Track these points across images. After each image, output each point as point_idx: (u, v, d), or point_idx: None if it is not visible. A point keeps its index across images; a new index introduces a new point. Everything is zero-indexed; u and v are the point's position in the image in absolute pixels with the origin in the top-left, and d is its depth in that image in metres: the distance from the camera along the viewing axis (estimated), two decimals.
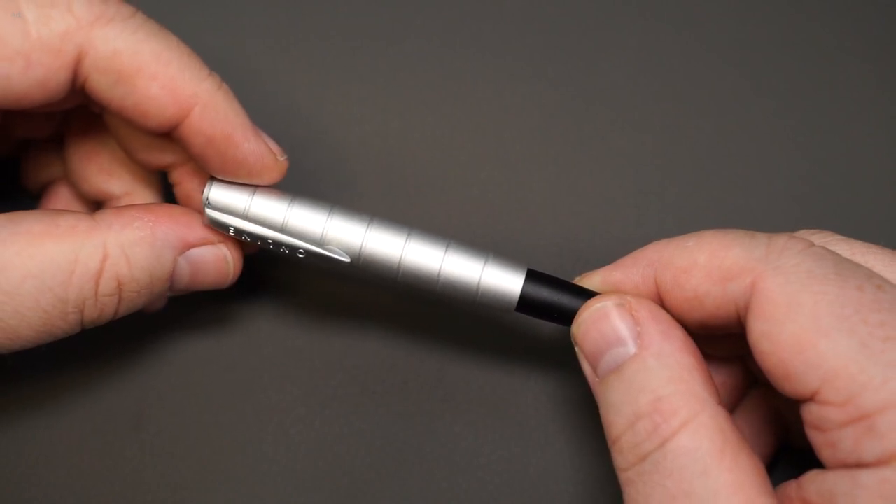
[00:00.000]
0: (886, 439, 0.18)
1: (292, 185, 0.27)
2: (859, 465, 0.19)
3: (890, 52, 0.34)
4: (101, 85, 0.23)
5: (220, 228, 0.25)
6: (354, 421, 0.29)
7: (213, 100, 0.23)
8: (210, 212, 0.25)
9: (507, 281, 0.25)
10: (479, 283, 0.25)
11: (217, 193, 0.25)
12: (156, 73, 0.23)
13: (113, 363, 0.30)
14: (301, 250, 0.25)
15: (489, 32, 0.34)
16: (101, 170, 0.27)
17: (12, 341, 0.23)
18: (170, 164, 0.26)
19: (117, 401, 0.30)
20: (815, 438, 0.20)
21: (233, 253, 0.26)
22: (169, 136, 0.24)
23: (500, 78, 0.33)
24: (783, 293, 0.20)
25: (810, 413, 0.20)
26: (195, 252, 0.25)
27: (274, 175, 0.25)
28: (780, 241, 0.22)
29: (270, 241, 0.25)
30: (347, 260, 0.25)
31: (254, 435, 0.29)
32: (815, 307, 0.20)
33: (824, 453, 0.20)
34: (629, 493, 0.22)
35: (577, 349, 0.24)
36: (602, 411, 0.23)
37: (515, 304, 0.25)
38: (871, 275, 0.20)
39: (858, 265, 0.21)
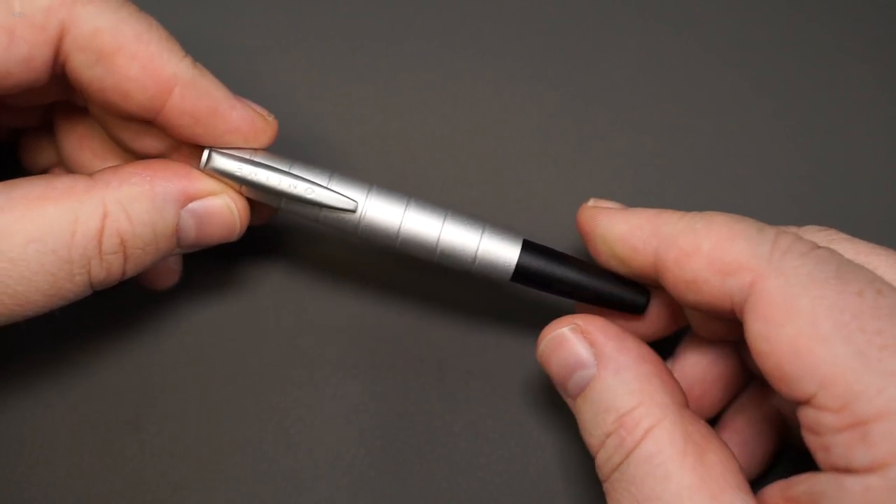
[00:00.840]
0: (877, 448, 0.19)
1: None
2: (849, 471, 0.19)
3: (889, 52, 0.34)
4: (81, 64, 0.23)
5: (224, 176, 0.25)
6: (354, 421, 0.29)
7: (192, 77, 0.23)
8: (216, 157, 0.25)
9: (504, 249, 0.25)
10: (476, 249, 0.25)
11: (217, 152, 0.25)
12: (136, 53, 0.23)
13: (113, 364, 0.30)
14: (309, 191, 0.25)
15: (489, 33, 0.34)
16: (94, 155, 0.27)
17: (23, 307, 0.23)
18: (163, 152, 0.26)
19: (117, 400, 0.30)
20: (810, 441, 0.20)
21: (237, 203, 0.26)
22: (152, 123, 0.24)
23: (500, 78, 0.33)
24: (782, 296, 0.20)
25: (806, 416, 0.20)
26: (198, 204, 0.25)
27: (268, 135, 0.25)
28: (786, 241, 0.21)
29: (276, 186, 0.25)
30: (354, 205, 0.25)
31: (254, 435, 0.29)
32: (814, 312, 0.20)
33: (818, 456, 0.20)
34: (608, 501, 0.23)
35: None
36: (580, 430, 0.24)
37: (512, 272, 0.25)
38: (873, 279, 0.20)
39: (862, 268, 0.21)
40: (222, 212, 0.25)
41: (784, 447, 0.28)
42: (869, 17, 0.34)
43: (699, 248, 0.22)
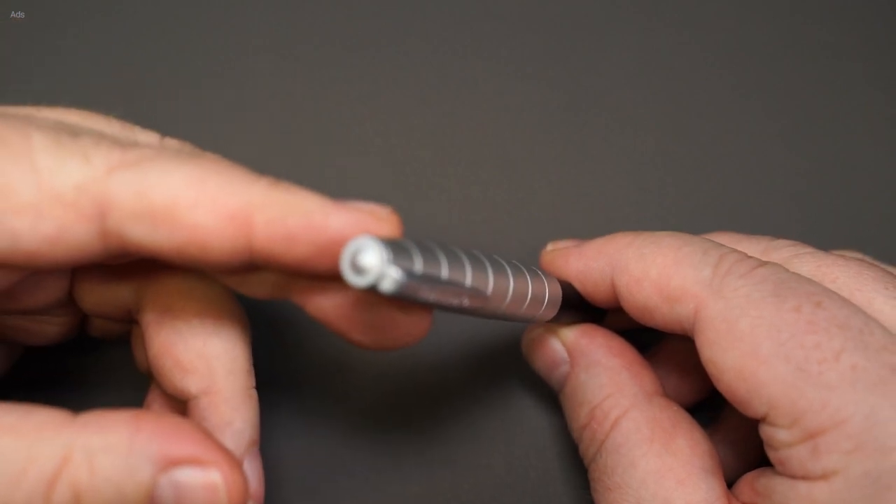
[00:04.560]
0: (826, 459, 0.19)
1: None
2: (804, 479, 0.20)
3: (891, 54, 0.34)
4: (141, 234, 0.19)
5: (405, 293, 0.17)
6: (354, 421, 0.30)
7: (270, 199, 0.19)
8: (392, 270, 0.17)
9: (545, 290, 0.23)
10: (543, 305, 0.23)
11: (371, 256, 0.17)
12: (194, 199, 0.19)
13: (114, 364, 0.30)
14: (473, 296, 0.20)
15: (489, 32, 0.34)
16: (175, 364, 0.23)
17: None
18: (278, 288, 0.22)
19: (117, 401, 0.29)
20: (770, 455, 0.21)
21: (230, 479, 0.20)
22: (252, 267, 0.20)
23: (501, 78, 0.33)
24: (723, 320, 0.21)
25: (764, 432, 0.21)
26: (182, 474, 0.20)
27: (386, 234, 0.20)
28: (727, 263, 0.22)
29: (467, 295, 0.19)
30: (488, 295, 0.20)
31: None
32: (753, 333, 0.20)
33: (777, 468, 0.21)
34: (592, 490, 0.24)
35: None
36: None
37: (554, 314, 0.24)
38: (813, 291, 0.21)
39: (805, 282, 0.21)
40: (207, 490, 0.20)
41: None
42: (871, 20, 0.34)
43: (647, 275, 0.23)
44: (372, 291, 0.17)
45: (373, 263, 0.17)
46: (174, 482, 0.20)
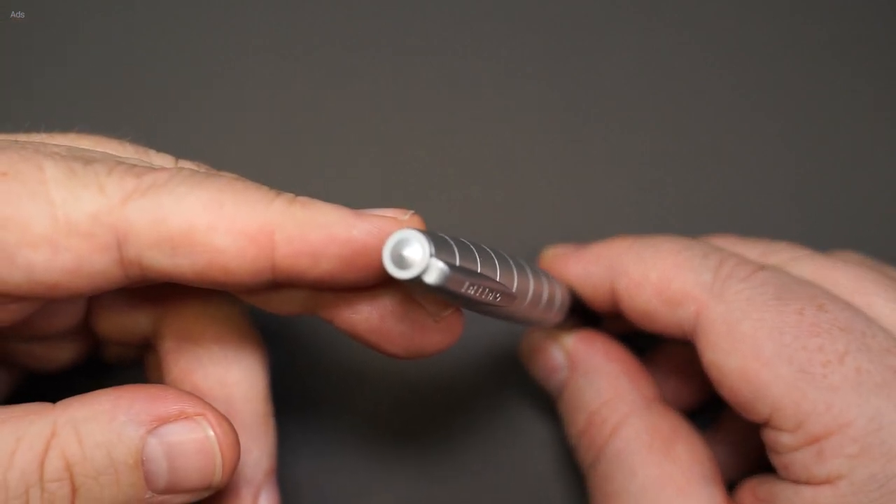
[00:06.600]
0: (830, 462, 0.19)
1: (292, 187, 0.27)
2: (808, 483, 0.20)
3: (891, 54, 0.34)
4: (160, 261, 0.19)
5: (447, 286, 0.17)
6: (354, 421, 0.30)
7: (290, 216, 0.19)
8: (437, 262, 0.17)
9: (558, 293, 0.23)
10: (554, 308, 0.23)
11: (416, 248, 0.17)
12: (212, 222, 0.18)
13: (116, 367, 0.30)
14: (502, 294, 0.20)
15: (489, 32, 0.34)
16: (194, 391, 0.22)
17: None
18: (306, 304, 0.22)
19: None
20: (773, 459, 0.21)
21: (220, 432, 0.20)
22: (277, 285, 0.20)
23: (500, 77, 0.33)
24: (725, 323, 0.21)
25: (767, 436, 0.21)
26: (171, 431, 0.19)
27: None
28: (728, 267, 0.22)
29: (498, 291, 0.19)
30: (514, 293, 0.21)
31: None
32: (756, 336, 0.20)
33: (780, 473, 0.21)
34: (590, 497, 0.24)
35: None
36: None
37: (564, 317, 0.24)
38: (815, 295, 0.21)
39: (806, 285, 0.21)
40: (200, 445, 0.20)
41: None
42: (871, 20, 0.34)
43: (647, 279, 0.23)
44: (415, 284, 0.17)
45: (418, 255, 0.17)
46: (164, 442, 0.19)
